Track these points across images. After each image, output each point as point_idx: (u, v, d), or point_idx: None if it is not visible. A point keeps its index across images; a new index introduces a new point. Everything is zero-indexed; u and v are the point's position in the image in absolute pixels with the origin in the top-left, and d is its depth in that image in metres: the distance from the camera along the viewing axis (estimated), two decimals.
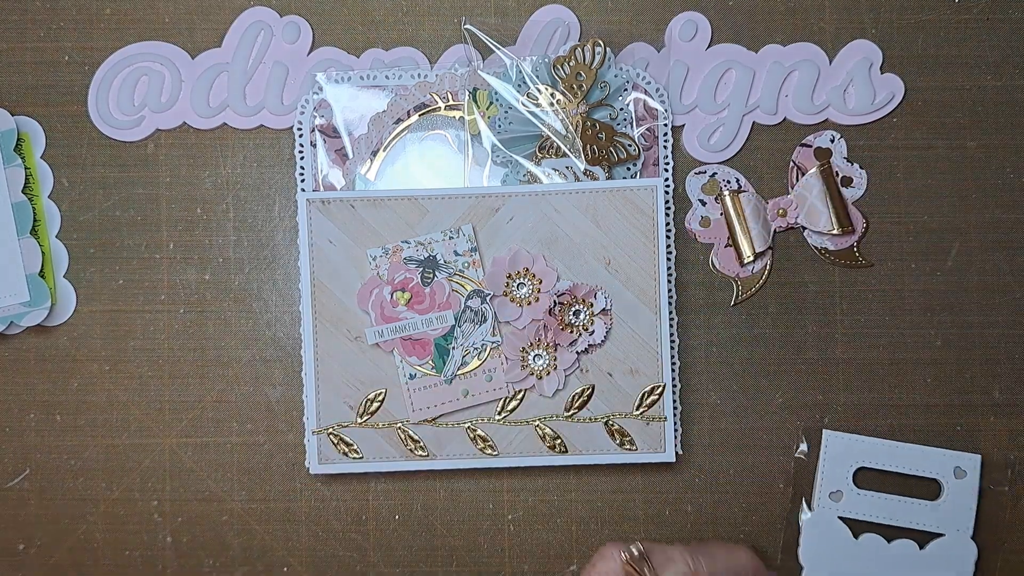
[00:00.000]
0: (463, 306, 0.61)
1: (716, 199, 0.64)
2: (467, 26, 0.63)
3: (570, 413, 0.62)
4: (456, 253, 0.61)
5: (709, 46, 0.64)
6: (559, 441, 0.62)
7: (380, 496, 0.63)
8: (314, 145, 0.63)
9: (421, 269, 0.60)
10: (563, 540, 0.63)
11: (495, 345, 0.61)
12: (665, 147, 0.63)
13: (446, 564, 0.63)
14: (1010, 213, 0.64)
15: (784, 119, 0.64)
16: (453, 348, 0.61)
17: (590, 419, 0.62)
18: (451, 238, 0.61)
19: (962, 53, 0.64)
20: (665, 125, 0.63)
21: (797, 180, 0.64)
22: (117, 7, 0.64)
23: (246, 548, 0.63)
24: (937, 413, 0.64)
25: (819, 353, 0.64)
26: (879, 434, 0.63)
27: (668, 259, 0.62)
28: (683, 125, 0.64)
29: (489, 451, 0.62)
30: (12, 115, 0.63)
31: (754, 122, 0.64)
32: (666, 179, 0.63)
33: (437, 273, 0.60)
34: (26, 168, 0.63)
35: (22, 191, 0.62)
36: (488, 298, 0.61)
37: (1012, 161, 0.64)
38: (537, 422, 0.62)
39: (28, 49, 0.64)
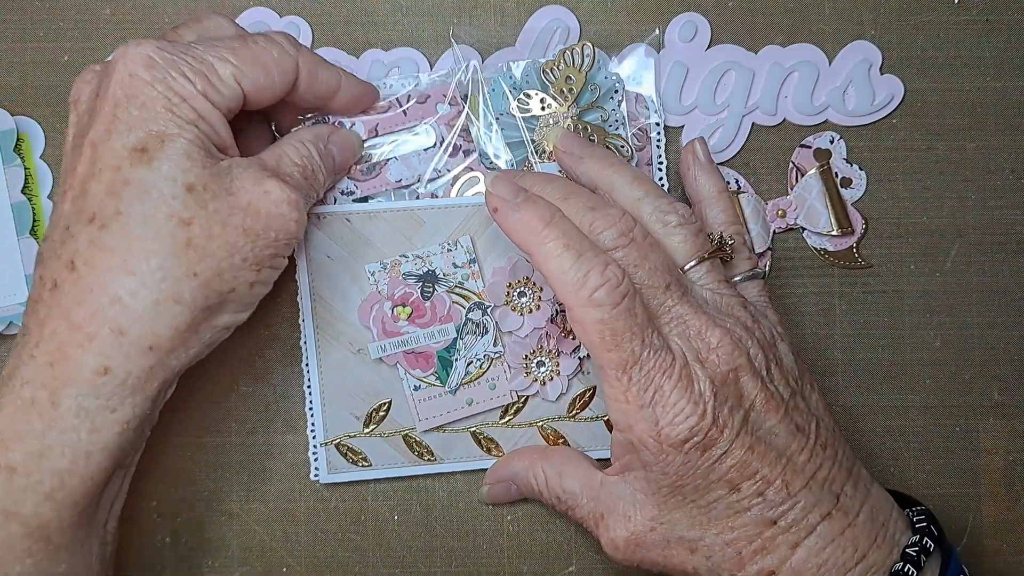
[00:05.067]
0: (464, 319, 0.60)
1: None
2: (453, 36, 0.63)
3: (572, 414, 0.62)
4: (455, 265, 0.60)
5: (709, 47, 0.64)
6: (562, 441, 0.62)
7: (379, 497, 0.63)
8: None
9: (420, 284, 0.60)
10: (562, 541, 0.63)
11: (497, 356, 0.61)
12: (659, 147, 0.63)
13: (445, 565, 0.63)
14: (1010, 214, 0.64)
15: (784, 120, 0.64)
16: (456, 360, 0.60)
17: (591, 418, 0.62)
18: (449, 250, 0.60)
19: (962, 55, 0.64)
20: (657, 124, 0.62)
21: (797, 181, 0.64)
22: (117, 7, 0.64)
23: (245, 548, 0.63)
24: (936, 414, 0.64)
25: (818, 354, 0.64)
26: (877, 435, 0.63)
27: None
28: (682, 126, 0.64)
29: (495, 452, 0.62)
30: (12, 115, 0.63)
31: (753, 123, 0.64)
32: (660, 179, 0.63)
33: (437, 287, 0.60)
34: (26, 168, 0.63)
35: (22, 191, 0.62)
36: (489, 310, 0.60)
37: (1012, 163, 0.64)
38: (541, 423, 0.62)
39: (28, 49, 0.64)
